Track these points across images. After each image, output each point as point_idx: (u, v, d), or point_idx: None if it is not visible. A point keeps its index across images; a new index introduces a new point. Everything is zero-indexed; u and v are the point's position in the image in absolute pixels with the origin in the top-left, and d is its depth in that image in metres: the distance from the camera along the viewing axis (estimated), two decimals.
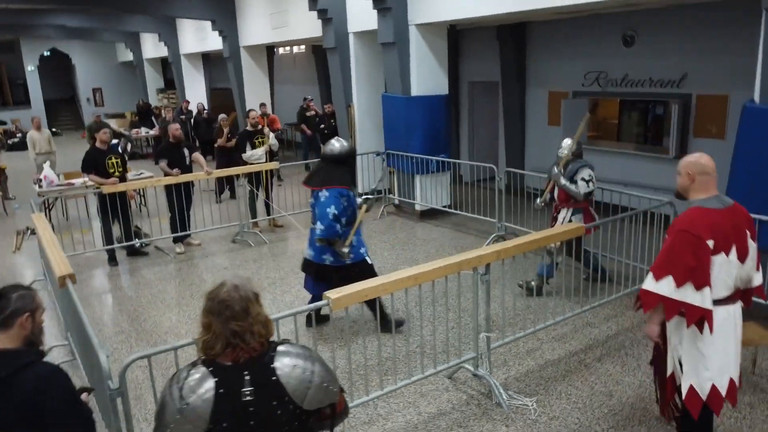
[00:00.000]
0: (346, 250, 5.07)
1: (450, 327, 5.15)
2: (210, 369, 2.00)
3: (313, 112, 13.61)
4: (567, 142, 5.91)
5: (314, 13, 10.30)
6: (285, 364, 2.04)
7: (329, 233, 4.97)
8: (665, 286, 2.94)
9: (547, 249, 5.70)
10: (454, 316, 5.35)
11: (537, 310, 5.50)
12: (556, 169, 5.86)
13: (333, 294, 3.61)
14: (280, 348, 2.10)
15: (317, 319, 5.45)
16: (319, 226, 4.98)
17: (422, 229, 8.93)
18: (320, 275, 5.24)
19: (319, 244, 5.09)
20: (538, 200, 6.13)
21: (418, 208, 9.33)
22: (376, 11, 8.83)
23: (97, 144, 7.68)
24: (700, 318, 2.93)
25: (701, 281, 2.88)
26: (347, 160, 5.25)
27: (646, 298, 3.02)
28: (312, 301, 5.30)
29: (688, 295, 2.90)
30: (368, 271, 5.20)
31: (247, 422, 1.98)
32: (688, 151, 8.06)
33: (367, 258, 5.29)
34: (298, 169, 12.33)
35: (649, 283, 3.01)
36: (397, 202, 9.82)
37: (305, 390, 2.04)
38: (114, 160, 7.64)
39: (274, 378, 2.01)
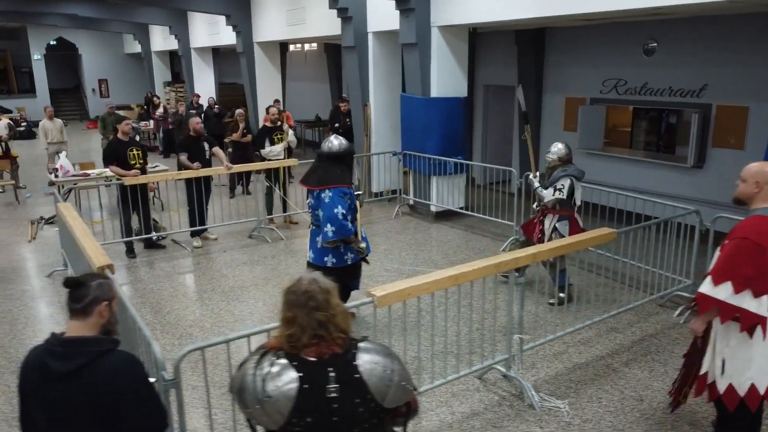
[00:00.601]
0: (363, 245, 5.07)
1: (475, 328, 5.19)
2: (294, 363, 2.01)
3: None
4: (558, 146, 5.88)
5: (332, 12, 10.33)
6: (366, 361, 2.06)
7: (343, 233, 4.90)
8: (723, 292, 2.99)
9: (548, 262, 5.72)
10: (481, 318, 5.38)
11: (561, 314, 5.54)
12: (531, 175, 6.02)
13: (378, 291, 3.64)
14: (361, 345, 2.11)
15: None
16: (329, 228, 4.87)
17: (437, 230, 8.95)
18: None
19: (330, 246, 5.01)
20: (534, 204, 6.22)
21: (433, 209, 9.36)
22: (397, 12, 8.87)
23: (119, 135, 7.67)
24: (754, 324, 2.98)
25: (761, 289, 2.94)
26: (345, 158, 5.12)
27: (703, 301, 3.08)
28: None
29: (745, 301, 2.96)
30: (356, 270, 5.33)
31: (331, 418, 2.00)
32: (707, 160, 8.12)
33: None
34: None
35: (707, 287, 3.07)
36: (411, 202, 9.84)
37: (386, 388, 2.05)
38: (135, 152, 7.64)
39: (357, 375, 2.02)
